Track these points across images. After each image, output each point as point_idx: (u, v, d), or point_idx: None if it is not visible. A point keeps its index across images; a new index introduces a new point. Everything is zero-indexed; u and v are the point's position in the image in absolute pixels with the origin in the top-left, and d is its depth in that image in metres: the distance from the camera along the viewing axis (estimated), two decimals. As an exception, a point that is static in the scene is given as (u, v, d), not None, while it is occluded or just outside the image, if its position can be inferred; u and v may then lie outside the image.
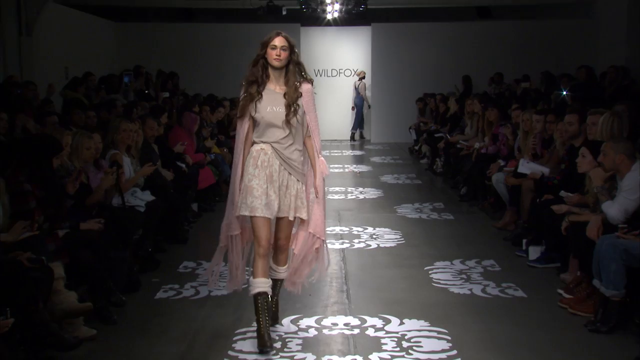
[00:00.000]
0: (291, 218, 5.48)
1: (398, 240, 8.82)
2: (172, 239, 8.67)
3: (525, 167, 8.68)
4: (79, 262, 5.85)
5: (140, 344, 5.57)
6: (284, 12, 18.55)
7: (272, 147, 5.41)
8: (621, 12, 16.66)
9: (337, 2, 17.98)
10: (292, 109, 5.37)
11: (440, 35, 20.56)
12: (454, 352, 5.31)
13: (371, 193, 12.25)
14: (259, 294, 5.35)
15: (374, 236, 9.09)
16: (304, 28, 21.32)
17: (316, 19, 19.81)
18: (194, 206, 10.30)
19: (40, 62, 14.25)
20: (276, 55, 5.55)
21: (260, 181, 5.35)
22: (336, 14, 18.69)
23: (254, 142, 5.46)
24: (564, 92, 12.40)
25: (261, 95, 5.46)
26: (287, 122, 5.38)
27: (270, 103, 5.42)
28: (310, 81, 5.57)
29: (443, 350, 5.33)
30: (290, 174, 5.47)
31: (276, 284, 5.68)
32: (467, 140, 12.57)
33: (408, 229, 9.43)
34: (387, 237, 8.99)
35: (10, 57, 13.68)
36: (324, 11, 18.57)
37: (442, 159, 14.11)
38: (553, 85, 14.43)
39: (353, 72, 22.34)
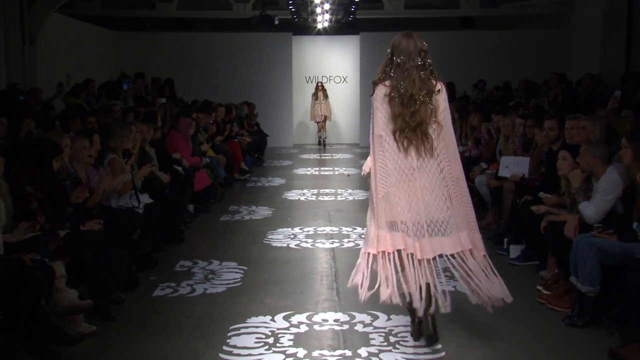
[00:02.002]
0: None
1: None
2: (169, 239, 8.65)
3: (506, 171, 8.71)
4: (79, 261, 5.84)
5: (138, 339, 5.55)
6: (277, 22, 18.54)
7: None
8: (596, 22, 16.72)
9: (327, 12, 17.96)
10: None
11: (425, 42, 20.59)
12: (439, 345, 5.31)
13: (360, 195, 12.25)
14: None
15: (363, 236, 9.01)
16: (296, 37, 21.32)
17: (307, 28, 19.80)
18: (190, 207, 10.28)
19: (42, 70, 14.21)
20: None
21: None
22: (326, 24, 18.68)
23: None
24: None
25: None
26: None
27: None
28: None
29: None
30: None
31: None
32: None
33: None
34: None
35: (14, 65, 13.66)
36: (315, 21, 18.56)
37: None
38: (533, 91, 14.48)
39: (343, 79, 22.37)
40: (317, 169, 16.47)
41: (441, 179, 5.05)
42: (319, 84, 21.45)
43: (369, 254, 5.05)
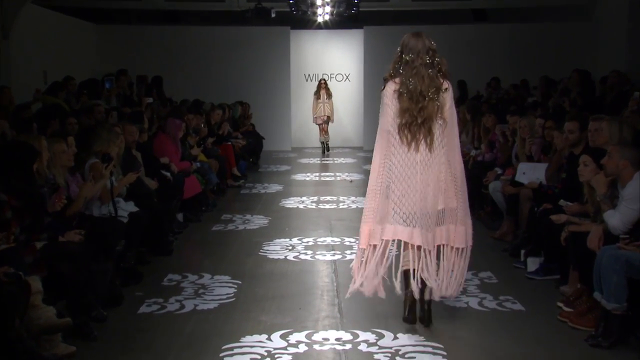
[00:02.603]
0: None
1: (394, 252, 8.76)
2: (156, 251, 8.62)
3: (523, 177, 8.68)
4: (57, 276, 5.81)
5: (122, 360, 5.54)
6: (273, 15, 18.56)
7: None
8: (622, 14, 16.71)
9: (328, 5, 17.99)
10: None
11: (434, 38, 20.27)
12: (451, 368, 5.30)
13: (364, 202, 12.19)
14: None
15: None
16: (294, 31, 21.33)
17: (306, 22, 19.82)
18: (179, 216, 10.26)
19: (17, 67, 14.18)
20: None
21: None
22: (327, 17, 18.70)
23: None
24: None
25: None
26: None
27: None
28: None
29: (438, 367, 5.32)
30: None
31: None
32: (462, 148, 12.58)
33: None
34: (380, 249, 8.91)
35: (-14, 62, 13.64)
36: (315, 14, 18.58)
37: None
38: (552, 90, 14.45)
39: (345, 77, 22.37)
40: (317, 174, 16.46)
41: (441, 173, 5.77)
42: (322, 81, 20.92)
43: (361, 249, 5.92)
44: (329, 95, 20.71)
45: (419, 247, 5.75)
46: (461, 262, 5.98)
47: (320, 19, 18.91)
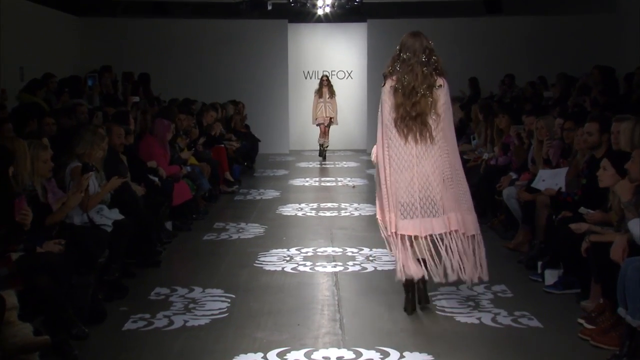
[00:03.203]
0: None
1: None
2: (143, 263, 8.63)
3: (541, 184, 8.66)
4: (35, 289, 5.79)
5: (105, 382, 5.53)
6: (270, 7, 18.55)
7: None
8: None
9: (328, -4, 18.01)
10: None
11: (444, 32, 20.52)
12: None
13: (367, 209, 12.21)
14: None
15: (371, 258, 9.07)
16: (292, 25, 21.36)
17: (305, 15, 19.83)
18: (167, 225, 10.26)
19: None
20: None
21: None
22: (328, 9, 18.69)
23: None
24: None
25: None
26: None
27: None
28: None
29: (449, 388, 5.32)
30: None
31: None
32: (474, 150, 12.55)
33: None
34: (385, 259, 8.92)
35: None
36: (314, 6, 18.57)
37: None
38: (571, 88, 14.44)
39: (347, 74, 22.36)
40: (317, 179, 16.48)
41: (438, 165, 6.56)
42: (325, 78, 20.07)
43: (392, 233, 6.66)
44: (332, 94, 19.79)
45: (416, 237, 6.56)
46: (480, 249, 6.70)
47: (320, 12, 18.91)
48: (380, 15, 21.02)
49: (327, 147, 20.04)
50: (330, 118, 19.88)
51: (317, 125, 20.03)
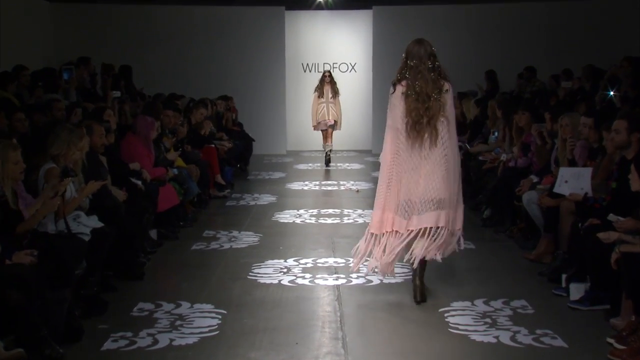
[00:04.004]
0: None
1: (406, 275, 8.75)
2: (125, 275, 8.61)
3: (565, 187, 8.63)
4: (5, 305, 5.77)
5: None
6: (265, -8, 18.56)
7: None
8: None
9: (330, -20, 18.01)
10: None
11: (457, 20, 20.61)
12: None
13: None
14: None
15: (376, 270, 8.99)
16: (290, 12, 21.38)
17: (305, 2, 19.82)
18: (152, 233, 10.25)
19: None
20: None
21: None
22: (329, -5, 18.69)
23: None
24: (611, 93, 12.37)
25: None
26: None
27: None
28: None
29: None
30: None
31: None
32: (491, 150, 12.54)
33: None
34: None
35: None
36: (314, -9, 18.57)
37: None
38: (599, 82, 14.41)
39: (350, 67, 22.33)
40: (317, 182, 16.51)
41: (442, 165, 7.59)
42: (326, 75, 18.64)
43: (372, 234, 7.81)
44: (336, 93, 18.42)
45: (417, 232, 7.61)
46: (453, 240, 7.78)
47: (320, -3, 18.91)
48: (387, 2, 21.03)
49: (330, 151, 19.02)
50: (335, 121, 18.59)
51: (320, 130, 18.89)
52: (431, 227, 7.58)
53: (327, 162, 18.93)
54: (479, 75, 18.78)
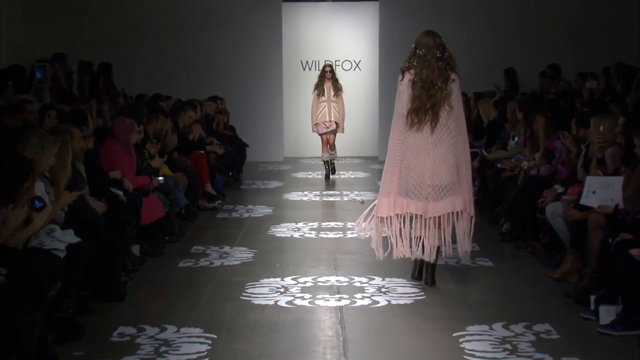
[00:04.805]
0: None
1: (417, 295, 8.79)
2: (104, 296, 8.60)
3: (592, 197, 8.61)
4: (-30, 329, 5.75)
5: None
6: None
7: None
8: None
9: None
10: None
11: (472, 12, 20.64)
12: None
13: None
14: None
15: (384, 289, 9.05)
16: (287, 4, 21.45)
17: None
18: (134, 249, 10.24)
19: None
20: None
21: None
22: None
23: None
24: None
25: None
26: None
27: None
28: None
29: None
30: None
31: None
32: (510, 157, 12.52)
33: (430, 280, 9.36)
34: (401, 291, 8.94)
35: None
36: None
37: (477, 182, 14.05)
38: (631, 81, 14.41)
39: (354, 64, 22.32)
40: (317, 192, 16.53)
41: (451, 152, 8.76)
42: (327, 69, 17.98)
43: (380, 217, 8.96)
44: (338, 90, 17.74)
45: (418, 217, 8.83)
46: (472, 228, 8.95)
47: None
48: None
49: (334, 160, 18.35)
50: (336, 123, 17.83)
51: (319, 134, 18.14)
52: (448, 213, 8.78)
53: (330, 172, 18.28)
54: (496, 73, 18.79)
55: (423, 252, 8.85)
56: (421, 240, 8.82)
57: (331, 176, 18.23)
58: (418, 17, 20.33)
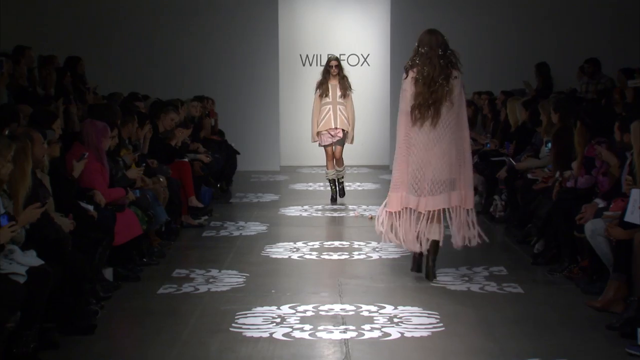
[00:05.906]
0: None
1: (434, 327, 8.78)
2: (71, 328, 8.53)
3: (637, 213, 8.57)
4: None
5: None
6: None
7: None
8: None
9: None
10: None
11: (495, 2, 20.61)
12: None
13: (390, 250, 12.18)
14: None
15: (395, 319, 9.03)
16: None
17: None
18: (107, 273, 10.21)
19: None
20: None
21: None
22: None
23: None
24: None
25: None
26: None
27: None
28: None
29: None
30: None
31: None
32: (543, 166, 12.49)
33: (450, 309, 9.40)
34: (416, 322, 8.93)
35: None
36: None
37: (504, 196, 14.00)
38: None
39: (362, 60, 22.33)
40: (319, 207, 16.57)
41: (449, 149, 10.15)
42: (332, 64, 16.52)
43: (389, 212, 10.42)
44: (346, 90, 16.42)
45: (427, 212, 10.21)
46: (474, 220, 10.48)
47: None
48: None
49: (342, 179, 17.06)
50: (343, 131, 16.47)
51: (322, 145, 16.72)
52: (445, 209, 10.27)
53: (337, 194, 16.96)
54: (526, 70, 18.81)
55: (421, 245, 10.31)
56: (419, 234, 10.28)
57: (339, 199, 16.91)
58: (432, 8, 20.43)
